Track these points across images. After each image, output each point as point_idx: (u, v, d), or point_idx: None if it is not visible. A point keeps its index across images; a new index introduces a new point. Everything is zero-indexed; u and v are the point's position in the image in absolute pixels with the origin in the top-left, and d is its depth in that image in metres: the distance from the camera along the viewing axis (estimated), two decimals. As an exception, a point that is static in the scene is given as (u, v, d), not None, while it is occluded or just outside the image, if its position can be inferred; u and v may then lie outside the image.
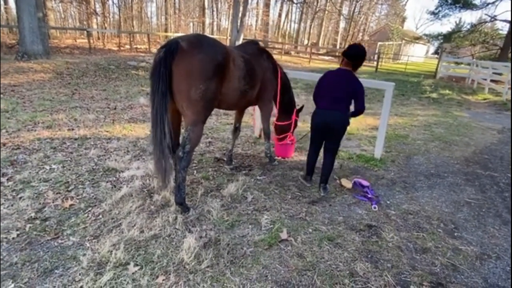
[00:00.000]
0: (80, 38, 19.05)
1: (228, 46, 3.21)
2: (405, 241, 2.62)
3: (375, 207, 3.09)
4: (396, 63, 28.93)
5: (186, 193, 2.86)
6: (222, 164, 3.88)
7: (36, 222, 2.52)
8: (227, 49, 2.80)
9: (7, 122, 4.84)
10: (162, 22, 30.44)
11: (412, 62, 27.88)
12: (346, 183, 3.52)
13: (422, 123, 6.87)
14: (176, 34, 19.68)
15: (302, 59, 22.56)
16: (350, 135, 5.50)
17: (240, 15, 15.93)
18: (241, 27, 16.13)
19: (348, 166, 4.11)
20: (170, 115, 2.78)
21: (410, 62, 26.07)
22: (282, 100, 3.75)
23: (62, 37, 18.72)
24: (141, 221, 2.60)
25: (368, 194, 3.29)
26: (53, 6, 19.24)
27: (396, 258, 2.40)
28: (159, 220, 2.62)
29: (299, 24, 36.04)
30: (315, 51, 27.93)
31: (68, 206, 2.77)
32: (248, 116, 4.07)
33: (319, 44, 34.27)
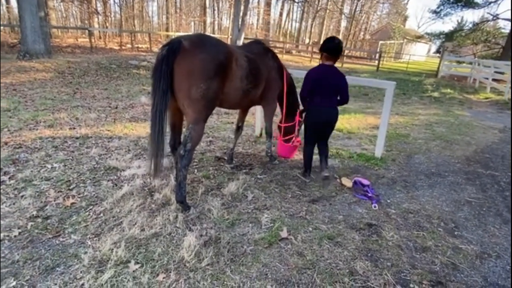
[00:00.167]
0: (81, 37, 19.06)
1: (231, 45, 3.21)
2: (405, 240, 2.62)
3: (375, 206, 3.09)
4: (397, 62, 28.88)
5: (186, 191, 2.87)
6: (222, 163, 3.89)
7: (37, 220, 2.54)
8: (229, 48, 2.80)
9: (9, 121, 4.87)
10: (163, 21, 30.46)
11: (413, 61, 27.80)
12: (346, 182, 3.52)
13: (423, 122, 6.86)
14: (177, 33, 19.69)
15: (304, 58, 22.53)
16: (350, 134, 5.51)
17: (241, 14, 15.93)
18: (242, 26, 16.13)
19: (349, 165, 4.11)
20: (172, 113, 2.81)
21: (411, 61, 25.99)
22: (287, 101, 3.73)
23: (63, 36, 18.76)
24: (142, 219, 2.61)
25: (368, 193, 3.29)
26: (54, 5, 19.26)
27: (396, 256, 2.40)
28: (159, 218, 2.63)
29: (300, 23, 36.04)
30: (316, 50, 27.86)
31: (70, 204, 2.79)
32: (249, 115, 4.07)
33: (320, 43, 34.16)
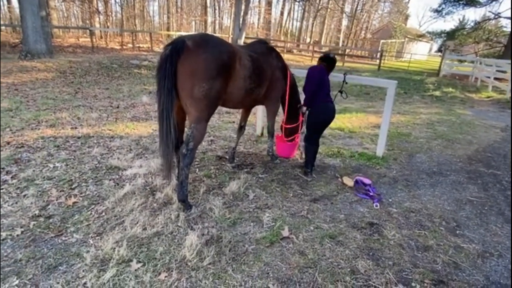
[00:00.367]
0: (82, 37, 19.08)
1: (235, 45, 3.21)
2: (406, 239, 2.62)
3: (377, 205, 3.09)
4: (399, 61, 28.77)
5: (188, 190, 2.88)
6: (224, 162, 3.90)
7: (40, 220, 2.55)
8: (233, 48, 2.81)
9: (11, 120, 4.89)
10: (164, 20, 30.46)
11: (415, 60, 27.72)
12: (348, 181, 3.52)
13: (424, 121, 6.84)
14: (178, 33, 19.69)
15: (305, 57, 22.48)
16: (352, 133, 5.50)
17: (242, 13, 15.89)
18: (243, 26, 16.10)
19: (350, 164, 4.11)
20: (175, 112, 2.81)
21: (413, 60, 25.92)
22: (290, 102, 3.72)
23: (65, 36, 18.78)
24: (143, 218, 2.62)
25: (370, 192, 3.29)
26: (56, 5, 19.26)
27: (398, 255, 2.40)
28: (161, 217, 2.64)
29: (301, 22, 35.94)
30: (318, 49, 27.81)
31: (72, 203, 2.80)
32: (250, 115, 4.07)
33: (321, 42, 34.12)
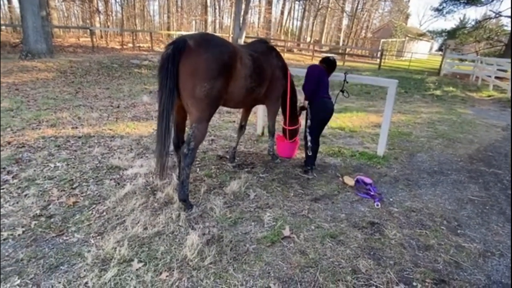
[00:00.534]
0: (83, 36, 19.06)
1: (236, 44, 3.21)
2: (407, 238, 2.62)
3: (378, 205, 3.09)
4: (399, 60, 28.73)
5: (189, 190, 2.88)
6: (224, 162, 3.90)
7: (41, 219, 2.55)
8: (234, 48, 2.80)
9: (12, 120, 4.89)
10: (165, 20, 30.43)
11: (415, 59, 27.65)
12: (348, 180, 3.52)
13: (425, 121, 6.83)
14: (178, 32, 19.69)
15: (305, 56, 22.44)
16: (352, 133, 5.49)
17: (242, 13, 15.86)
18: (243, 25, 16.08)
19: (351, 164, 4.11)
20: (176, 112, 2.81)
21: (413, 59, 25.85)
22: (291, 103, 3.71)
23: (65, 35, 18.78)
24: (144, 218, 2.62)
25: (370, 192, 3.29)
26: (56, 5, 19.27)
27: (399, 255, 2.40)
28: (162, 217, 2.64)
29: (301, 21, 35.92)
30: (318, 49, 27.80)
31: (73, 203, 2.80)
32: (251, 114, 4.07)
33: (321, 41, 34.08)
